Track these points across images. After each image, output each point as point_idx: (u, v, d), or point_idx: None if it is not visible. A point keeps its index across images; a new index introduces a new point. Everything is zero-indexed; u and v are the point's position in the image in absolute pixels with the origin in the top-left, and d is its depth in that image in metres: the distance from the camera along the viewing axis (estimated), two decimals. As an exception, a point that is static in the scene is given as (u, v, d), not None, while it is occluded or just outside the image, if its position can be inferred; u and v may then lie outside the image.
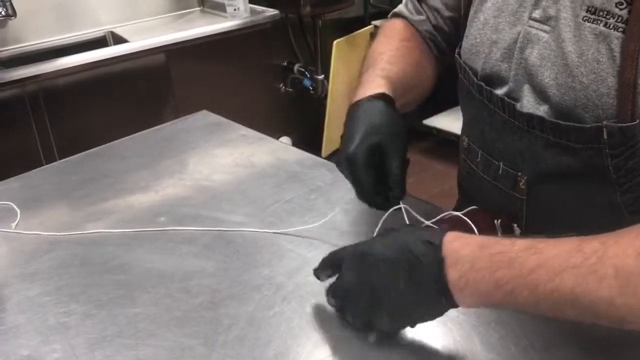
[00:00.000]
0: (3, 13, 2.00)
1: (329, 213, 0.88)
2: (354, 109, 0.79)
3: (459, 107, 0.91)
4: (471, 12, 0.84)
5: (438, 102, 2.64)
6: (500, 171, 0.82)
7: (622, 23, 0.65)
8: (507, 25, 0.78)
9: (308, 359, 0.65)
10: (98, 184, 1.04)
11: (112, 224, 0.92)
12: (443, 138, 2.84)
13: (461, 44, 0.87)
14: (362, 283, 0.63)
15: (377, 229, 0.78)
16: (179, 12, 2.48)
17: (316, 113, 2.76)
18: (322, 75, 2.68)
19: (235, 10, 2.28)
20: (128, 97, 2.03)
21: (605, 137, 0.68)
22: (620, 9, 0.65)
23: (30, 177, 1.09)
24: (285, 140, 2.78)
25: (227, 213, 0.93)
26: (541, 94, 0.73)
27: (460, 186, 0.98)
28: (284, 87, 2.73)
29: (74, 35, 2.22)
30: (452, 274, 0.58)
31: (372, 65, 0.87)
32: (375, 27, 2.81)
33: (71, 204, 0.99)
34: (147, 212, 0.95)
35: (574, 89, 0.69)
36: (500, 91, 0.78)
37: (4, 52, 2.07)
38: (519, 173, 0.79)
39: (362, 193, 0.77)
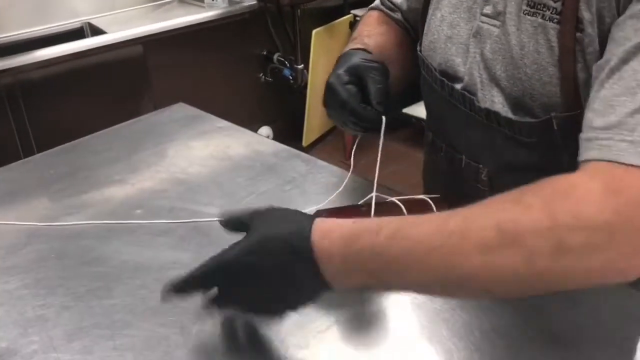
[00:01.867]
0: (-22, 5, 1.99)
1: (303, 205, 0.90)
2: (336, 60, 0.86)
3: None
4: (430, 10, 0.87)
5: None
6: (463, 164, 0.85)
7: (557, 14, 0.69)
8: (462, 21, 0.81)
9: (282, 344, 0.67)
10: (75, 177, 1.05)
11: (90, 217, 0.93)
12: (422, 127, 2.86)
13: (421, 41, 0.89)
14: (241, 301, 0.64)
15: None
16: (157, 3, 2.47)
17: (296, 102, 2.77)
18: (302, 65, 2.69)
19: (213, 0, 2.28)
20: (106, 89, 2.03)
21: (555, 128, 0.71)
22: (555, 2, 0.69)
23: (7, 171, 1.10)
24: (266, 130, 2.79)
25: (202, 205, 0.94)
26: (495, 87, 0.77)
27: (425, 178, 1.01)
28: (263, 77, 2.73)
29: (51, 27, 2.21)
30: (330, 271, 0.58)
31: (351, 41, 0.93)
32: (355, 16, 2.82)
33: (49, 197, 1.00)
34: (123, 205, 0.96)
35: (520, 79, 0.73)
36: (459, 86, 0.81)
37: (-21, 44, 2.06)
38: (481, 165, 0.82)
39: (349, 108, 0.80)
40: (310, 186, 0.98)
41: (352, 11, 2.84)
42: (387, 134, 0.85)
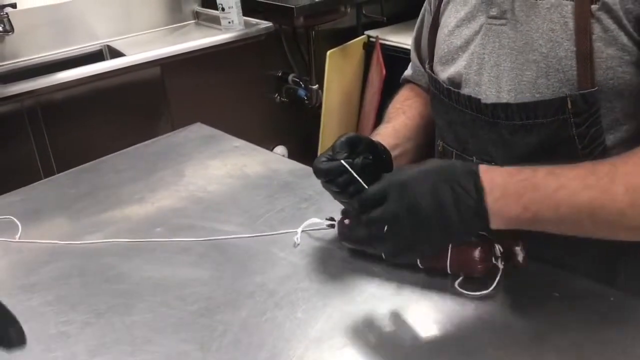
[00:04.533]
0: (1, 29, 2.04)
1: (319, 221, 0.91)
2: None
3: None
4: (439, 29, 0.92)
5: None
6: None
7: None
8: (467, 30, 0.86)
9: (299, 361, 0.68)
10: (96, 196, 1.07)
11: (110, 235, 0.95)
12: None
13: (431, 61, 0.94)
14: (410, 208, 0.67)
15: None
16: (174, 25, 2.52)
17: (311, 122, 2.79)
18: (317, 85, 2.71)
19: (229, 23, 2.32)
20: (125, 110, 2.06)
21: (569, 106, 0.75)
22: None
23: (29, 191, 1.12)
24: (281, 149, 2.80)
25: (220, 223, 0.96)
26: (504, 80, 0.80)
27: None
28: (278, 97, 2.76)
29: (71, 50, 2.25)
30: (489, 200, 0.66)
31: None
32: (369, 36, 2.84)
33: (70, 216, 1.02)
34: (143, 223, 0.98)
35: (534, 61, 0.77)
36: (465, 90, 0.85)
37: (1, 67, 2.10)
38: (492, 164, 0.84)
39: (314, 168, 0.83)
40: (326, 204, 0.99)
41: (366, 32, 2.87)
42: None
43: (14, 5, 2.04)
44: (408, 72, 1.10)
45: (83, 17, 2.26)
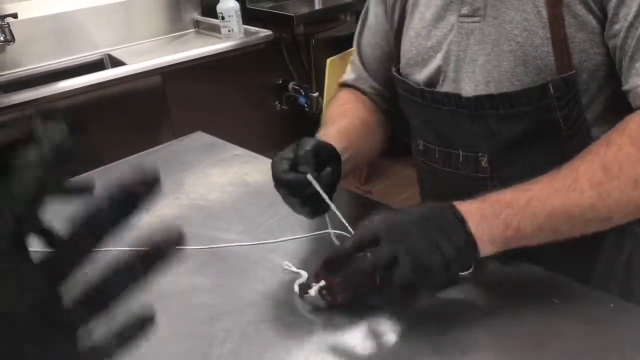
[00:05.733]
0: (2, 38, 2.06)
1: (321, 228, 0.91)
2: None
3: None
4: (403, 32, 0.92)
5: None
6: (461, 158, 0.88)
7: None
8: (437, 30, 0.86)
9: (299, 369, 0.68)
10: (97, 205, 1.07)
11: (110, 244, 0.95)
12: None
13: (398, 64, 0.93)
14: (406, 250, 0.66)
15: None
16: (175, 34, 2.53)
17: (311, 130, 2.78)
18: (317, 93, 2.73)
19: (229, 31, 2.33)
20: (126, 119, 2.07)
21: (551, 91, 0.77)
22: None
23: (31, 199, 1.12)
24: (282, 157, 2.81)
25: (221, 231, 0.96)
26: (483, 73, 0.81)
27: (422, 189, 1.03)
28: (279, 105, 2.77)
29: (72, 59, 2.27)
30: (471, 225, 0.67)
31: (321, 127, 0.98)
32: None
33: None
34: (144, 232, 0.98)
35: (511, 51, 0.79)
36: (442, 88, 0.86)
37: (3, 77, 2.11)
38: (479, 154, 0.85)
39: (274, 177, 0.85)
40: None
41: (366, 39, 2.89)
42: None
43: (15, 15, 2.06)
44: (349, 76, 1.05)
45: (84, 26, 2.28)
